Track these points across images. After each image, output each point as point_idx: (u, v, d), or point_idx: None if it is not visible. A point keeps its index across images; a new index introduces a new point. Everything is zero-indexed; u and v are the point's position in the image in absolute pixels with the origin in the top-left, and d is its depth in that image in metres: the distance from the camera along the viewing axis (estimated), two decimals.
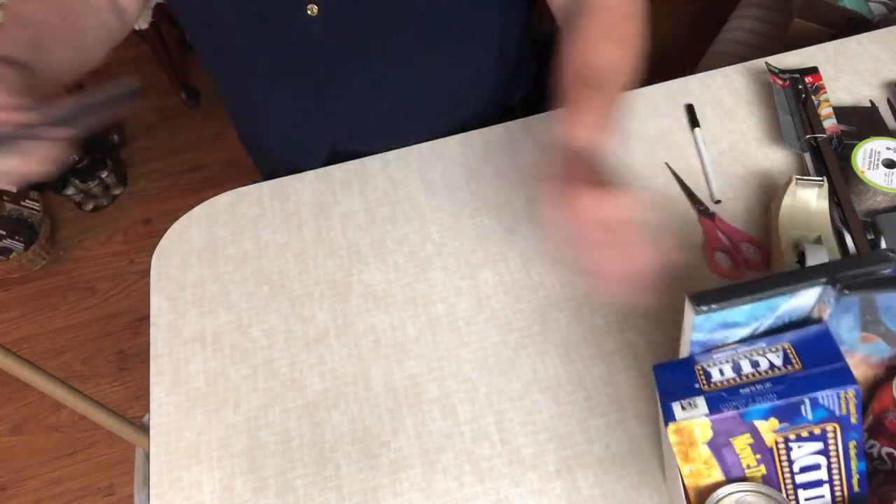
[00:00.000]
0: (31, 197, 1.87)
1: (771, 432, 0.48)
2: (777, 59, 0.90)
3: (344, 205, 0.83)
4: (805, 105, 0.82)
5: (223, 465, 0.66)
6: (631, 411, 0.66)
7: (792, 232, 0.71)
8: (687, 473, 0.50)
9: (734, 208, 0.78)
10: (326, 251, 0.79)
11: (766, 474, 0.50)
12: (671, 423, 0.47)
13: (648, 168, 0.82)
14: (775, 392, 0.46)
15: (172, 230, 0.83)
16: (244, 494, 0.65)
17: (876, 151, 0.73)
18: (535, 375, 0.69)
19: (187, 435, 0.68)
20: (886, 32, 0.92)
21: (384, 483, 0.64)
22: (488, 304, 0.74)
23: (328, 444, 0.67)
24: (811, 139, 0.79)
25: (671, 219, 0.78)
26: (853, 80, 0.87)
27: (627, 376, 0.68)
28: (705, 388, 0.48)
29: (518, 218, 0.80)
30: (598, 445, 0.65)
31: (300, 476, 0.65)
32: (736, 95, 0.88)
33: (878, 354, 0.52)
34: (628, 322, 0.71)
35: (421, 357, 0.71)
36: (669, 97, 0.88)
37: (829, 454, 0.49)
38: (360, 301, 0.75)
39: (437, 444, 0.66)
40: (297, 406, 0.69)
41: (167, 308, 0.77)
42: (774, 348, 0.49)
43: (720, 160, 0.82)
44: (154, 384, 0.72)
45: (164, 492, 0.65)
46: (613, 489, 0.62)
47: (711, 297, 0.48)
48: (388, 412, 0.68)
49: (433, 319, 0.73)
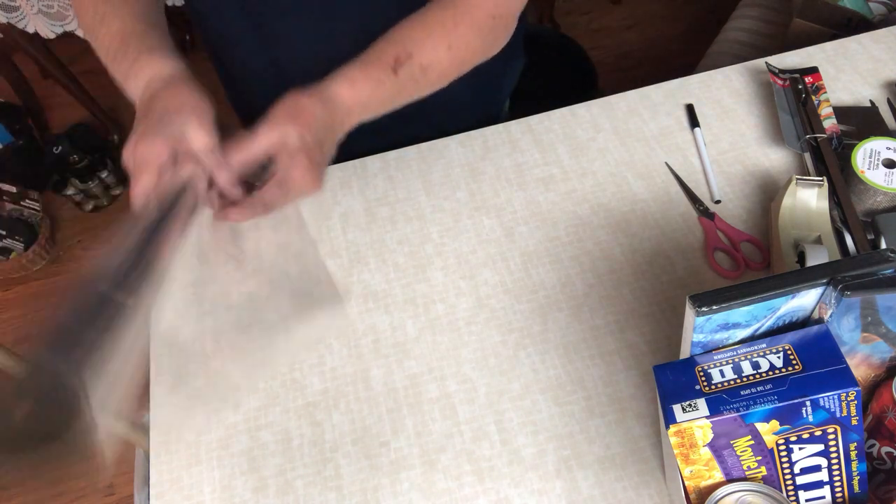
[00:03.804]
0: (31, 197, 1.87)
1: (772, 434, 0.48)
2: (777, 59, 0.90)
3: (344, 205, 0.83)
4: (805, 105, 0.82)
5: (223, 465, 0.66)
6: (631, 411, 0.66)
7: (792, 232, 0.71)
8: (688, 475, 0.50)
9: (734, 208, 0.78)
10: (326, 251, 0.79)
11: (767, 475, 0.50)
12: (672, 425, 0.47)
13: (648, 168, 0.82)
14: (776, 394, 0.46)
15: None
16: (244, 494, 0.65)
17: (876, 151, 0.73)
18: (535, 375, 0.69)
19: (187, 435, 0.68)
20: (886, 32, 0.92)
21: (384, 483, 0.64)
22: (488, 304, 0.74)
23: (328, 444, 0.67)
24: (811, 139, 0.79)
25: (671, 219, 0.78)
26: (853, 80, 0.87)
27: (627, 376, 0.68)
28: (706, 389, 0.48)
29: (518, 218, 0.80)
30: (598, 445, 0.65)
31: (300, 476, 0.65)
32: (736, 95, 0.88)
33: (879, 355, 0.52)
34: (628, 322, 0.71)
35: (421, 357, 0.71)
36: (669, 97, 0.88)
37: (830, 456, 0.49)
38: (360, 301, 0.75)
39: (437, 444, 0.66)
40: (297, 406, 0.69)
41: (167, 308, 0.77)
42: (775, 349, 0.49)
43: (720, 160, 0.82)
44: (154, 384, 0.72)
45: (164, 492, 0.65)
46: (613, 489, 0.62)
47: (712, 298, 0.48)
48: (388, 412, 0.68)
49: (433, 319, 0.73)
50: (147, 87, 0.55)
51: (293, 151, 0.52)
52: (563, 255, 0.76)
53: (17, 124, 2.02)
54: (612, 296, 0.73)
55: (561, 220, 0.79)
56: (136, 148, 0.50)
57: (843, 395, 0.45)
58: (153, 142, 0.50)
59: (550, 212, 0.80)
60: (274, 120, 0.53)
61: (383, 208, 0.82)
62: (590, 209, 0.79)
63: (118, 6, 0.60)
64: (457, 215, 0.80)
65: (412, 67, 0.60)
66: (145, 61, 0.56)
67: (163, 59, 0.56)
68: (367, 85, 0.58)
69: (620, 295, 0.73)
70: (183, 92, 0.53)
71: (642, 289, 0.73)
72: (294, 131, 0.52)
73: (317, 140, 0.54)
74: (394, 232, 0.80)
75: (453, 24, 0.63)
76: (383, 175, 0.85)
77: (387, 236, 0.80)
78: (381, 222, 0.81)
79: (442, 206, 0.81)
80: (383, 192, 0.83)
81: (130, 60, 0.57)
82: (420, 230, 0.80)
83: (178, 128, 0.51)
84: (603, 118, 0.87)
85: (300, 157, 0.53)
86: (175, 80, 0.55)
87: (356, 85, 0.58)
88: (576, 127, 0.87)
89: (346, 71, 0.58)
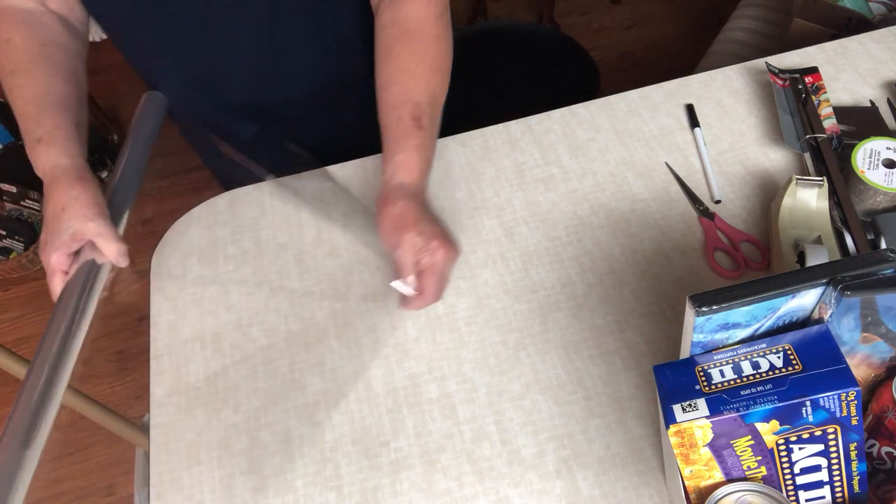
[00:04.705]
0: (31, 197, 1.87)
1: (772, 434, 0.48)
2: (777, 59, 0.90)
3: (344, 204, 0.83)
4: (805, 105, 0.82)
5: (223, 465, 0.66)
6: (631, 411, 0.66)
7: (792, 232, 0.71)
8: (688, 475, 0.50)
9: (734, 208, 0.78)
10: (326, 251, 0.79)
11: (767, 475, 0.50)
12: (672, 425, 0.47)
13: (648, 168, 0.82)
14: (776, 394, 0.46)
15: (172, 230, 0.83)
16: (244, 494, 0.65)
17: (876, 151, 0.73)
18: (535, 375, 0.69)
19: (187, 435, 0.68)
20: (886, 32, 0.92)
21: (384, 483, 0.64)
22: (488, 304, 0.74)
23: (328, 444, 0.67)
24: (811, 139, 0.79)
25: (671, 219, 0.78)
26: (853, 80, 0.87)
27: (627, 376, 0.68)
28: (706, 389, 0.48)
29: (518, 218, 0.80)
30: (598, 445, 0.65)
31: (300, 476, 0.65)
32: (736, 95, 0.88)
33: (879, 355, 0.52)
34: (628, 322, 0.71)
35: (421, 357, 0.71)
36: (669, 97, 0.88)
37: (830, 456, 0.49)
38: (360, 301, 0.75)
39: (437, 444, 0.66)
40: (297, 406, 0.69)
41: (167, 308, 0.77)
42: (775, 349, 0.49)
43: (720, 160, 0.82)
44: (154, 384, 0.72)
45: (164, 492, 0.65)
46: (613, 489, 0.62)
47: (712, 298, 0.48)
48: (388, 412, 0.68)
49: (433, 319, 0.73)
50: (42, 178, 0.66)
51: (423, 247, 0.63)
52: (563, 255, 0.76)
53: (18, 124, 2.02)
54: (612, 296, 0.73)
55: (561, 220, 0.79)
56: (43, 257, 0.65)
57: (843, 395, 0.45)
58: (52, 253, 0.63)
59: (550, 212, 0.80)
60: (391, 241, 0.64)
61: None
62: (590, 209, 0.79)
63: (20, 83, 0.69)
64: (457, 215, 0.80)
65: (426, 110, 0.68)
66: (37, 154, 0.67)
67: (45, 154, 0.66)
68: (413, 156, 0.66)
69: (620, 295, 0.73)
70: (63, 190, 0.64)
71: (642, 289, 0.73)
72: (409, 235, 0.63)
73: (426, 222, 0.64)
74: None
75: (423, 51, 0.70)
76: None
77: None
78: None
79: (442, 206, 0.81)
80: None
81: (28, 148, 0.67)
82: None
83: (67, 227, 0.63)
84: (603, 118, 0.87)
85: (432, 244, 0.63)
86: (56, 177, 0.65)
87: (409, 164, 0.66)
88: (576, 127, 0.87)
89: (391, 160, 0.67)
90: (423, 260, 0.63)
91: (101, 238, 0.64)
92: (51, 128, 0.67)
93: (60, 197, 0.64)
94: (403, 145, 0.67)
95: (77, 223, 0.63)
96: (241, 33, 0.76)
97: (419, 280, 0.64)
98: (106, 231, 0.64)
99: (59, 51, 0.72)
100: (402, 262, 0.64)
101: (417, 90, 0.68)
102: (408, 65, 0.69)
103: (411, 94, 0.68)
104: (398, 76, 0.69)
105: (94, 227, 0.63)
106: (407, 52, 0.70)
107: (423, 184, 0.67)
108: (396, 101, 0.68)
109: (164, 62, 0.80)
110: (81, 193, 0.64)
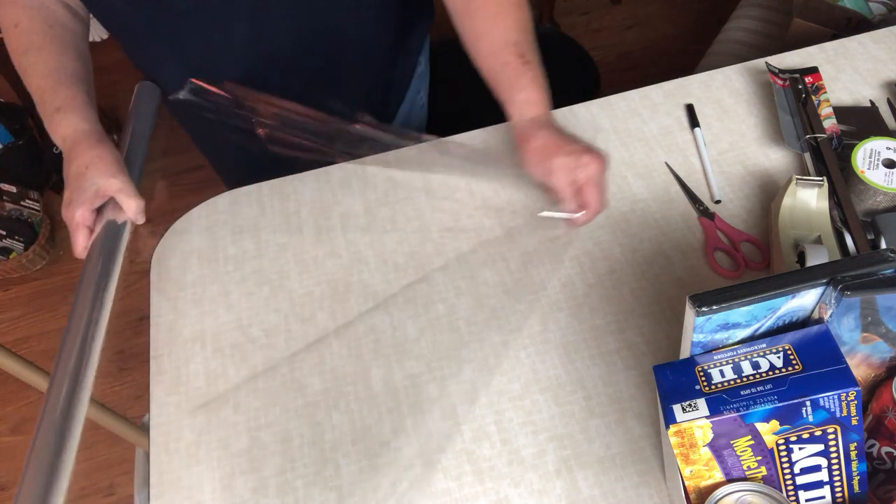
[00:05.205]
0: (31, 197, 1.87)
1: (772, 434, 0.48)
2: (777, 59, 0.90)
3: (344, 205, 0.83)
4: (805, 105, 0.82)
5: (223, 465, 0.66)
6: (631, 411, 0.66)
7: (792, 232, 0.71)
8: (688, 475, 0.50)
9: (734, 208, 0.78)
10: (326, 251, 0.79)
11: (767, 475, 0.50)
12: (672, 425, 0.47)
13: (648, 168, 0.82)
14: (776, 394, 0.46)
15: (172, 230, 0.83)
16: (244, 494, 0.65)
17: (876, 151, 0.73)
18: (535, 375, 0.69)
19: (187, 435, 0.68)
20: (886, 32, 0.92)
21: (384, 483, 0.64)
22: (488, 304, 0.74)
23: (328, 444, 0.67)
24: (811, 139, 0.79)
25: (671, 219, 0.78)
26: (853, 80, 0.87)
27: (627, 376, 0.68)
28: (706, 389, 0.48)
29: (518, 218, 0.80)
30: (598, 445, 0.65)
31: (300, 476, 0.65)
32: (736, 95, 0.88)
33: (879, 355, 0.52)
34: (628, 322, 0.71)
35: (421, 357, 0.71)
36: (669, 97, 0.88)
37: (830, 456, 0.49)
38: (360, 301, 0.75)
39: (437, 444, 0.66)
40: (297, 406, 0.69)
41: (167, 308, 0.77)
42: (775, 349, 0.49)
43: (720, 160, 0.82)
44: (154, 384, 0.72)
45: (164, 492, 0.65)
46: (613, 489, 0.62)
47: (712, 298, 0.48)
48: (388, 412, 0.68)
49: (433, 319, 0.73)
50: (62, 145, 0.70)
51: (575, 165, 0.68)
52: (563, 255, 0.76)
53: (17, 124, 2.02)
54: (612, 296, 0.73)
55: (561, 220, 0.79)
56: (66, 213, 0.68)
57: (843, 395, 0.45)
58: (77, 209, 0.67)
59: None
60: (542, 171, 0.71)
61: (383, 208, 0.82)
62: None
63: (34, 62, 0.72)
64: (457, 215, 0.80)
65: (526, 44, 0.73)
66: (56, 122, 0.69)
67: (66, 121, 0.69)
68: (533, 91, 0.72)
69: (620, 295, 0.73)
70: (85, 151, 0.68)
71: (642, 289, 0.73)
72: (559, 159, 0.69)
73: (568, 142, 0.70)
74: (394, 232, 0.80)
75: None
76: (383, 175, 0.85)
77: (387, 236, 0.80)
78: (381, 222, 0.81)
79: (442, 206, 0.81)
80: (383, 192, 0.83)
81: (46, 119, 0.70)
82: (420, 230, 0.80)
83: (91, 184, 0.67)
84: (603, 118, 0.87)
85: (583, 159, 0.68)
86: (78, 140, 0.68)
87: (533, 99, 0.72)
88: (576, 127, 0.87)
89: (514, 102, 0.72)
90: (581, 176, 0.68)
91: (122, 193, 0.68)
92: (67, 98, 0.70)
93: (83, 157, 0.67)
94: (520, 85, 0.71)
95: (101, 180, 0.67)
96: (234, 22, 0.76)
97: (580, 196, 0.70)
98: (127, 187, 0.68)
99: (64, 31, 0.75)
100: (559, 185, 0.69)
101: (511, 30, 0.73)
102: (494, 10, 0.73)
103: (508, 36, 0.72)
104: (488, 24, 0.74)
105: (117, 182, 0.67)
106: (484, 3, 0.73)
107: (549, 110, 0.72)
108: (495, 47, 0.73)
109: (161, 50, 0.80)
110: (104, 153, 0.68)
